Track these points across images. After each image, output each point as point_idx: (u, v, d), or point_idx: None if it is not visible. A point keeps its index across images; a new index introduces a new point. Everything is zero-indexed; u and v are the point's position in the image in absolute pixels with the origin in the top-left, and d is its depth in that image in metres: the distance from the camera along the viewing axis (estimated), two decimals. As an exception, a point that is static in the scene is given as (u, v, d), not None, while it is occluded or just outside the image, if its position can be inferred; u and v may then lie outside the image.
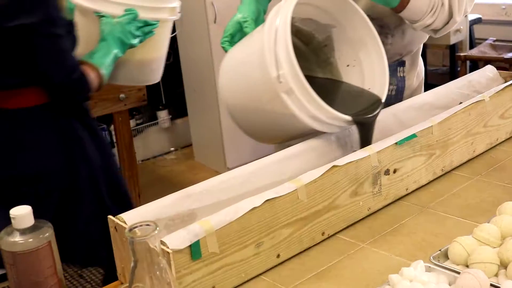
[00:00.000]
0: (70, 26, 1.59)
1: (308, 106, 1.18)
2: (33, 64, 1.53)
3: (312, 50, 1.42)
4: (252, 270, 1.06)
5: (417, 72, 1.67)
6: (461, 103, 1.48)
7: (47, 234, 0.95)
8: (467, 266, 0.98)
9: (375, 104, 1.30)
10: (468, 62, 4.08)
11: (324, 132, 1.29)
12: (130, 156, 2.92)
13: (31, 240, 0.93)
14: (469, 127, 1.43)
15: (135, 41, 1.71)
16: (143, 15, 1.73)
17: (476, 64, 4.05)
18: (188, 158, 4.24)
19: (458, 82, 1.64)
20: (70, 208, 1.63)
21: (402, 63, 1.58)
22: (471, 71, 3.42)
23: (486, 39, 4.25)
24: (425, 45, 4.90)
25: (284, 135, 1.35)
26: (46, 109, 1.59)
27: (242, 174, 1.16)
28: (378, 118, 1.41)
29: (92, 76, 1.60)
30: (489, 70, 1.71)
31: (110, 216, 1.05)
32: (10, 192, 1.59)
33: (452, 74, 4.26)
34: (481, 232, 1.03)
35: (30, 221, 0.94)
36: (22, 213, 0.94)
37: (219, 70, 1.37)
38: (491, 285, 0.90)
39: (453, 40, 3.96)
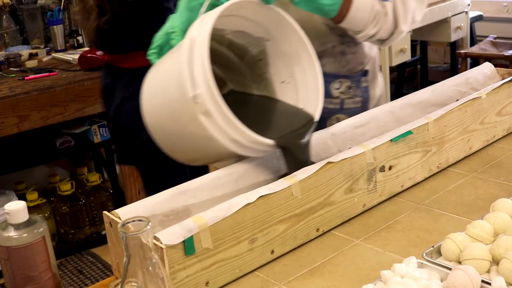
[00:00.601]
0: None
1: (227, 129, 1.09)
2: (145, 32, 1.67)
3: (247, 64, 1.34)
4: (246, 266, 1.06)
5: (379, 80, 1.59)
6: (457, 100, 1.48)
7: (42, 229, 0.96)
8: (460, 263, 0.98)
9: (307, 125, 1.21)
10: (468, 59, 4.07)
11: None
12: (130, 153, 2.93)
13: (25, 235, 0.94)
14: (465, 124, 1.44)
15: None
16: None
17: (477, 61, 4.04)
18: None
19: (455, 79, 1.64)
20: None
21: (365, 73, 1.51)
22: (472, 68, 3.42)
23: (487, 36, 4.25)
24: (426, 43, 4.90)
25: (208, 157, 1.27)
26: None
27: (237, 170, 1.17)
28: (375, 114, 1.42)
29: None
30: (487, 68, 1.71)
31: (105, 212, 1.06)
32: (135, 139, 2.03)
33: (453, 71, 4.26)
34: (474, 228, 1.03)
35: (24, 216, 0.95)
36: (16, 208, 0.94)
37: (144, 84, 1.26)
38: (482, 281, 0.91)
39: (453, 37, 3.96)
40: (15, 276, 0.95)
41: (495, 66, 1.75)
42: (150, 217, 1.05)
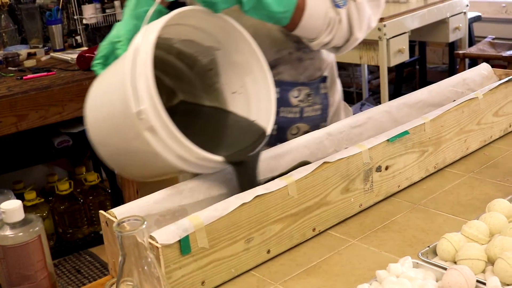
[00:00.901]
0: None
1: (173, 146, 1.04)
2: None
3: (197, 74, 1.28)
4: (242, 265, 1.06)
5: (337, 86, 1.54)
6: (454, 101, 1.48)
7: (37, 228, 0.96)
8: (455, 263, 0.98)
9: (259, 139, 1.16)
10: (467, 60, 4.08)
11: (311, 137, 1.27)
12: (128, 152, 2.93)
13: (21, 234, 0.94)
14: (462, 125, 1.44)
15: None
16: None
17: (475, 61, 4.05)
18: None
19: (452, 80, 1.64)
20: None
21: (324, 79, 1.45)
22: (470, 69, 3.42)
23: (485, 37, 4.25)
24: (424, 43, 4.91)
25: (156, 174, 1.19)
26: None
27: (232, 170, 1.17)
28: (372, 115, 1.42)
29: None
30: (484, 68, 1.71)
31: (101, 211, 1.06)
32: None
33: (451, 72, 4.26)
34: (469, 229, 1.03)
35: (20, 215, 0.95)
36: (12, 207, 0.94)
37: (86, 101, 1.20)
38: (477, 281, 0.91)
39: (452, 38, 3.96)
40: (10, 275, 0.95)
41: (494, 66, 1.76)
42: (146, 217, 1.05)
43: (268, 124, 1.18)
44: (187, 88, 1.27)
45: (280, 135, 1.39)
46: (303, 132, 1.41)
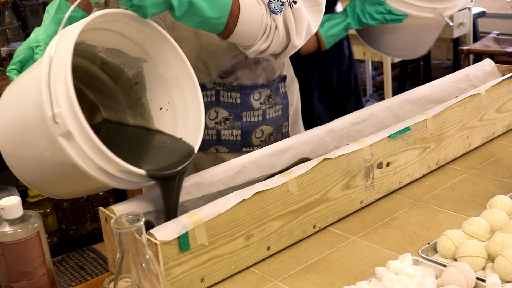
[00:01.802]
0: None
1: (92, 156, 0.94)
2: None
3: (122, 88, 1.18)
4: (242, 262, 1.06)
5: (295, 84, 1.51)
6: (457, 97, 1.48)
7: (36, 224, 0.96)
8: (455, 260, 0.98)
9: (186, 157, 1.07)
10: (471, 56, 4.06)
11: (317, 126, 1.27)
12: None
13: (20, 230, 0.94)
14: (464, 121, 1.43)
15: (373, 22, 1.76)
16: (395, 5, 1.76)
17: (479, 57, 4.03)
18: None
19: (455, 76, 1.63)
20: None
21: (283, 78, 1.43)
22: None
23: (490, 33, 4.23)
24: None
25: (75, 190, 1.10)
26: None
27: (233, 167, 1.16)
28: (373, 111, 1.42)
29: (310, 39, 1.60)
30: (487, 64, 1.70)
31: (101, 208, 1.06)
32: None
33: (456, 68, 4.25)
34: (470, 225, 1.03)
35: (19, 211, 0.95)
36: (11, 204, 0.94)
37: None
38: (477, 278, 0.90)
39: (456, 33, 3.95)
40: (9, 272, 0.95)
41: (498, 62, 1.75)
42: (145, 214, 1.05)
43: (196, 141, 1.10)
44: (110, 104, 1.19)
45: (245, 139, 1.38)
46: (267, 134, 1.40)
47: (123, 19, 1.05)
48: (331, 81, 1.94)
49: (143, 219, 0.80)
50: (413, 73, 4.85)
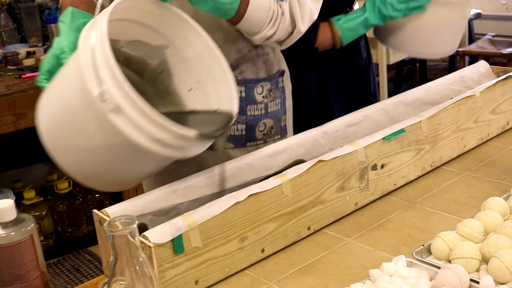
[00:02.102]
0: None
1: (143, 125, 0.94)
2: None
3: (148, 80, 1.19)
4: (236, 264, 1.06)
5: (289, 80, 1.53)
6: (451, 98, 1.48)
7: (29, 227, 0.95)
8: (450, 262, 0.98)
9: (227, 123, 1.10)
10: (467, 58, 4.07)
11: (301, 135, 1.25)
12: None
13: (13, 233, 0.94)
14: (459, 123, 1.43)
15: (395, 13, 1.66)
16: None
17: (475, 59, 4.04)
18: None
19: (450, 78, 1.64)
20: None
21: (282, 73, 1.46)
22: (469, 66, 3.40)
23: (485, 35, 4.24)
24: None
25: (131, 175, 1.09)
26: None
27: (227, 169, 1.16)
28: (368, 113, 1.42)
29: (323, 33, 1.63)
30: (482, 66, 1.70)
31: (95, 210, 1.06)
32: None
33: (451, 69, 4.26)
34: (464, 227, 1.03)
35: (12, 214, 0.95)
36: (4, 207, 0.94)
37: (37, 112, 1.11)
38: (471, 280, 0.90)
39: (452, 35, 3.95)
40: (2, 275, 0.94)
41: (494, 64, 1.75)
42: (139, 216, 1.05)
43: (232, 104, 1.12)
44: None
45: (249, 133, 1.39)
46: (269, 127, 1.42)
47: (142, 6, 1.08)
48: (348, 82, 1.91)
49: (137, 222, 0.80)
50: (409, 75, 4.86)
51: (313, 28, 1.56)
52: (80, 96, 0.97)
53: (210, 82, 1.16)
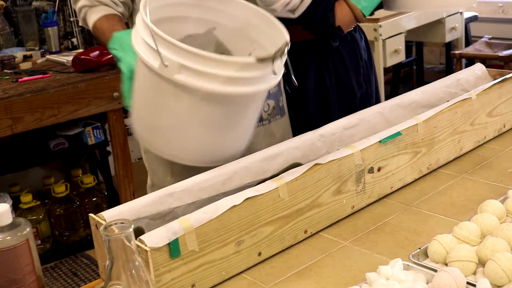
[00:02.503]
0: None
1: (208, 70, 1.01)
2: None
3: None
4: (233, 268, 1.06)
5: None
6: (448, 101, 1.48)
7: (25, 231, 0.95)
8: (446, 265, 0.98)
9: (284, 46, 1.14)
10: (463, 60, 4.07)
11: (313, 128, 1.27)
12: (124, 155, 2.93)
13: (9, 238, 0.94)
14: (455, 125, 1.43)
15: None
16: None
17: (472, 61, 4.05)
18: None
19: (446, 81, 1.64)
20: None
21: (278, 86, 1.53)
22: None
23: (482, 37, 4.25)
24: (421, 43, 4.89)
25: (217, 139, 1.17)
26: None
27: (224, 172, 1.16)
28: (364, 116, 1.41)
29: (342, 11, 1.63)
30: (478, 68, 1.71)
31: (91, 214, 1.06)
32: None
33: (448, 72, 4.26)
34: (460, 230, 1.03)
35: (8, 219, 0.94)
36: (0, 211, 0.94)
37: (133, 124, 1.23)
38: (468, 283, 0.90)
39: (448, 38, 3.96)
40: (-2, 279, 0.94)
41: (490, 66, 1.75)
42: (136, 220, 1.05)
43: (283, 35, 1.16)
44: None
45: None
46: (272, 108, 1.47)
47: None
48: (348, 85, 1.91)
49: (133, 226, 0.80)
50: (406, 78, 4.86)
51: (329, 8, 1.57)
52: (150, 78, 1.05)
53: (262, 36, 1.23)
